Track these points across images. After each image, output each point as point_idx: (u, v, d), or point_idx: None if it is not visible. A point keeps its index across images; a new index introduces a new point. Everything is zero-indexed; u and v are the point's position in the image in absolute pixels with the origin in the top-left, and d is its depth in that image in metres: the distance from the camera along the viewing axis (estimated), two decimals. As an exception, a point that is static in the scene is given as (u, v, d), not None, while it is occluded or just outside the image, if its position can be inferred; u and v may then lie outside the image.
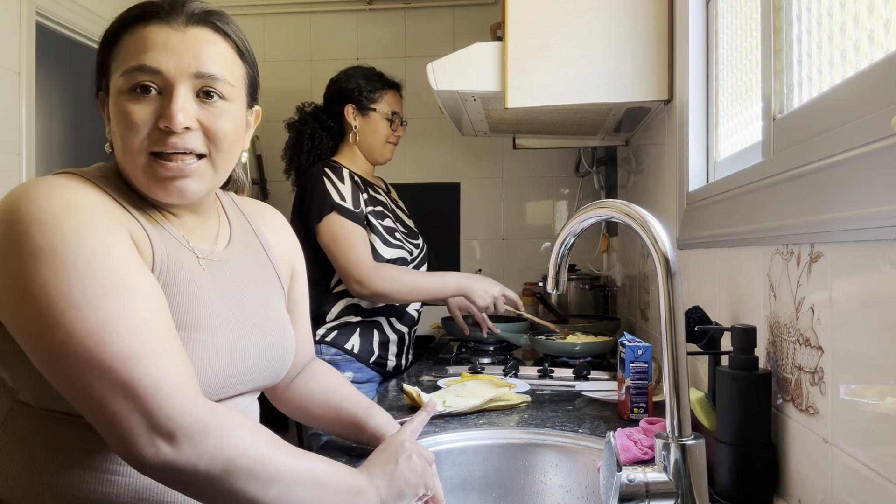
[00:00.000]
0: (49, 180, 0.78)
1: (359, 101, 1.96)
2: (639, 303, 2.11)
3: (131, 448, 0.70)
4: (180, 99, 0.80)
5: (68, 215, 0.74)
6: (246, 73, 0.90)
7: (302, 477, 0.77)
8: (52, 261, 0.71)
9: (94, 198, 0.79)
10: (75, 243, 0.73)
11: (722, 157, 1.38)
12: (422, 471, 0.91)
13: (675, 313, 0.76)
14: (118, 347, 0.70)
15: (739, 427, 0.90)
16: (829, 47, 0.87)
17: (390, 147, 2.02)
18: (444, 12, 3.12)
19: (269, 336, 0.94)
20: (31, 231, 0.72)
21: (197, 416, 0.71)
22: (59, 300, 0.70)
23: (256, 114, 0.95)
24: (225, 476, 0.72)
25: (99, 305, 0.71)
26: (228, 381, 0.86)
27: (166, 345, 0.74)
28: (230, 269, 0.93)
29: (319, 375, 1.15)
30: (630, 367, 1.29)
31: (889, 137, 0.62)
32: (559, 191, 3.10)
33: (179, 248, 0.86)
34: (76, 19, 2.60)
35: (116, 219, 0.79)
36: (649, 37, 1.62)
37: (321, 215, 1.81)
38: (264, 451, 0.75)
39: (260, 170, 3.18)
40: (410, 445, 0.94)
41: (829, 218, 0.73)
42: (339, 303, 1.88)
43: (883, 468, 0.64)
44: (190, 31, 0.82)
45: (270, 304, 0.98)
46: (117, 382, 0.69)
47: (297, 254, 1.12)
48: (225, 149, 0.85)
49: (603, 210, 0.82)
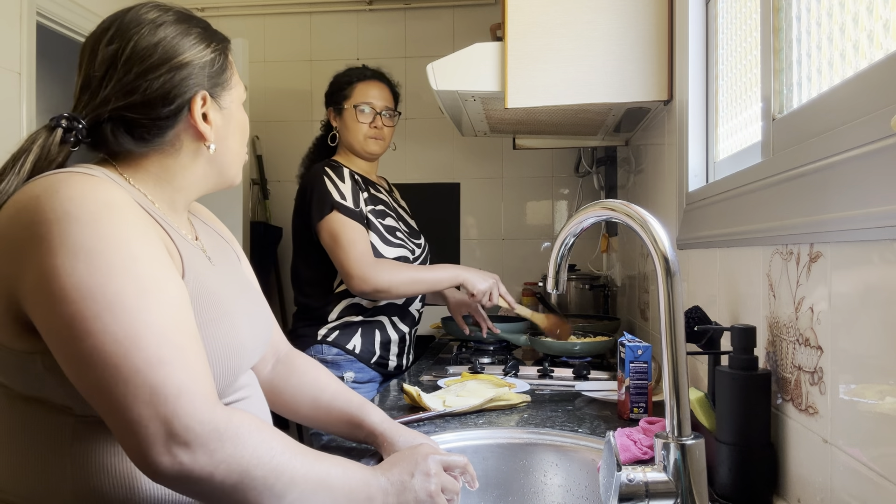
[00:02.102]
0: (76, 177, 0.77)
1: (335, 101, 1.98)
2: (639, 303, 2.11)
3: (147, 456, 0.70)
4: None
5: (107, 214, 0.74)
6: None
7: (315, 486, 0.77)
8: (90, 260, 0.71)
9: (126, 198, 0.79)
10: (115, 244, 0.73)
11: (721, 157, 1.38)
12: (434, 492, 0.88)
13: (674, 313, 0.76)
14: (147, 353, 0.70)
15: (739, 427, 0.90)
16: (829, 48, 0.87)
17: (371, 141, 1.95)
18: (444, 12, 3.13)
19: (261, 310, 1.03)
20: (70, 230, 0.72)
21: (214, 424, 0.71)
22: (95, 302, 0.70)
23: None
24: (241, 486, 0.72)
25: (133, 308, 0.71)
26: (245, 359, 0.91)
27: (191, 351, 0.74)
28: (217, 256, 0.97)
29: (303, 370, 1.14)
30: (630, 366, 1.29)
31: (888, 137, 0.62)
32: (559, 191, 3.11)
33: (190, 246, 0.89)
34: (76, 19, 2.60)
35: (149, 221, 0.80)
36: (649, 37, 1.62)
37: (322, 214, 1.82)
38: (279, 459, 0.75)
39: (260, 170, 3.18)
40: (435, 466, 0.90)
41: (829, 218, 0.73)
42: (340, 303, 1.88)
43: (882, 468, 0.64)
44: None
45: (250, 281, 1.05)
46: (142, 387, 0.70)
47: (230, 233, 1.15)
48: None
49: (603, 210, 0.82)
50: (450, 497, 0.90)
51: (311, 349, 1.84)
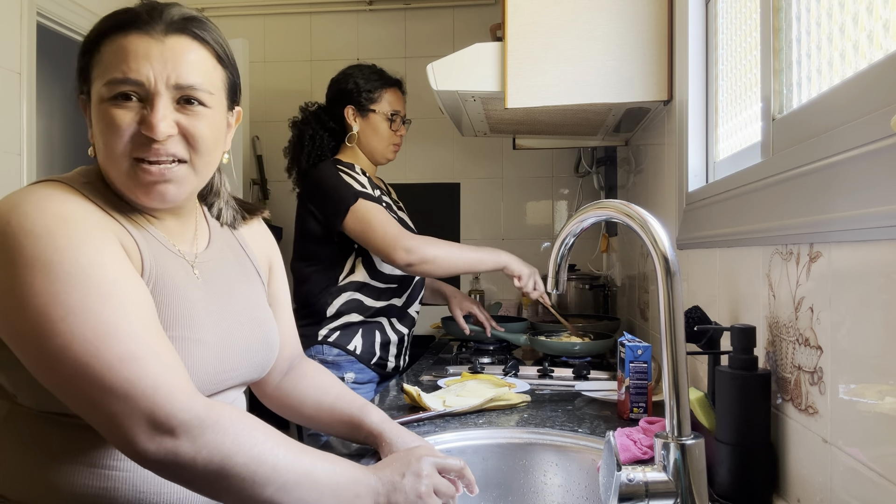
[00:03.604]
0: (38, 192, 0.79)
1: (358, 101, 1.96)
2: (638, 303, 2.11)
3: (133, 445, 0.71)
4: (161, 108, 0.80)
5: (62, 227, 0.75)
6: (225, 77, 0.90)
7: (299, 478, 0.77)
8: (48, 271, 0.72)
9: (84, 208, 0.80)
10: (70, 254, 0.74)
11: (721, 157, 1.38)
12: (424, 493, 0.86)
13: (674, 313, 0.76)
14: (117, 350, 0.71)
15: (739, 427, 0.90)
16: (829, 48, 0.87)
17: (393, 148, 2.01)
18: (444, 12, 3.13)
19: (254, 332, 0.97)
20: (25, 244, 0.73)
21: (195, 412, 0.73)
22: (57, 308, 0.71)
23: (237, 114, 0.96)
24: (223, 472, 0.73)
25: (97, 311, 0.72)
26: (218, 376, 0.88)
27: (161, 348, 0.76)
28: (213, 269, 0.95)
29: (310, 375, 1.15)
30: (630, 366, 1.29)
31: (888, 137, 0.62)
32: (559, 191, 3.11)
33: (165, 252, 0.88)
34: (76, 19, 2.60)
35: (107, 228, 0.80)
36: (649, 37, 1.62)
37: (348, 204, 1.81)
38: (261, 448, 0.76)
39: (260, 170, 3.18)
40: (428, 468, 0.88)
41: (829, 218, 0.73)
42: (340, 296, 1.87)
43: (882, 468, 0.64)
44: (169, 41, 0.82)
45: (253, 301, 1.00)
46: (117, 383, 0.71)
47: (274, 249, 1.13)
48: (205, 152, 0.86)
49: (603, 210, 0.82)
50: (444, 500, 0.89)
51: (312, 349, 1.84)
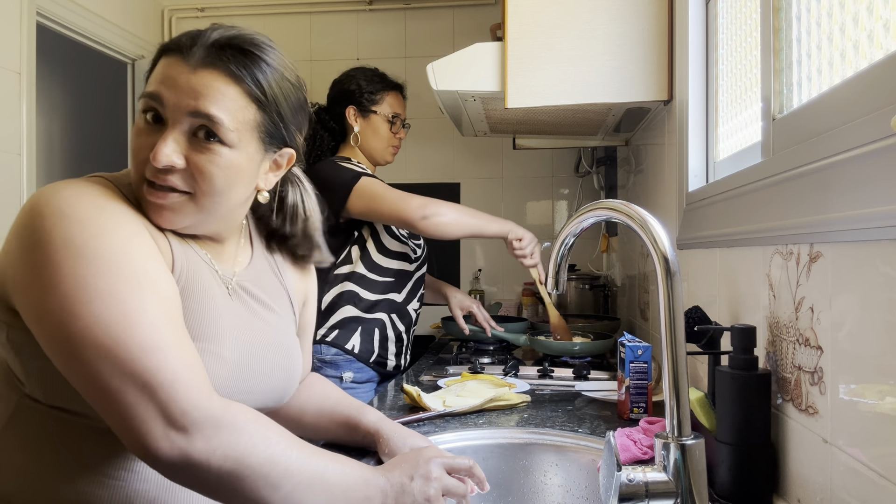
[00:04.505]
0: (80, 182, 0.80)
1: (360, 102, 1.96)
2: (638, 303, 2.11)
3: (145, 441, 0.70)
4: (169, 137, 0.80)
5: (97, 215, 0.76)
6: (260, 118, 0.85)
7: (311, 479, 0.77)
8: (79, 255, 0.73)
9: (122, 203, 0.81)
10: (102, 240, 0.74)
11: (721, 157, 1.38)
12: (433, 496, 0.86)
13: (674, 313, 0.76)
14: (141, 338, 0.71)
15: (739, 427, 0.90)
16: (829, 48, 0.87)
17: (391, 150, 2.02)
18: (444, 12, 3.13)
19: (277, 358, 0.96)
20: (59, 226, 0.74)
21: (210, 410, 0.73)
22: (85, 291, 0.71)
23: (288, 156, 0.92)
24: (236, 474, 0.73)
25: (123, 298, 0.72)
26: (234, 396, 0.85)
27: (183, 343, 0.76)
28: (247, 289, 0.95)
29: (308, 384, 1.15)
30: (630, 366, 1.29)
31: (888, 137, 0.62)
32: (559, 191, 3.11)
33: (197, 259, 0.89)
34: (76, 19, 2.60)
35: (141, 223, 0.81)
36: (649, 37, 1.62)
37: (349, 188, 1.81)
38: (275, 449, 0.76)
39: (260, 170, 3.17)
40: (437, 470, 0.88)
41: (829, 218, 0.73)
42: (335, 288, 1.88)
43: (882, 468, 0.64)
44: (199, 73, 0.80)
45: (281, 328, 0.99)
46: (136, 372, 0.70)
47: (312, 283, 1.13)
48: (211, 192, 0.83)
49: (603, 210, 0.82)
50: (457, 500, 0.90)
51: (310, 349, 1.83)
